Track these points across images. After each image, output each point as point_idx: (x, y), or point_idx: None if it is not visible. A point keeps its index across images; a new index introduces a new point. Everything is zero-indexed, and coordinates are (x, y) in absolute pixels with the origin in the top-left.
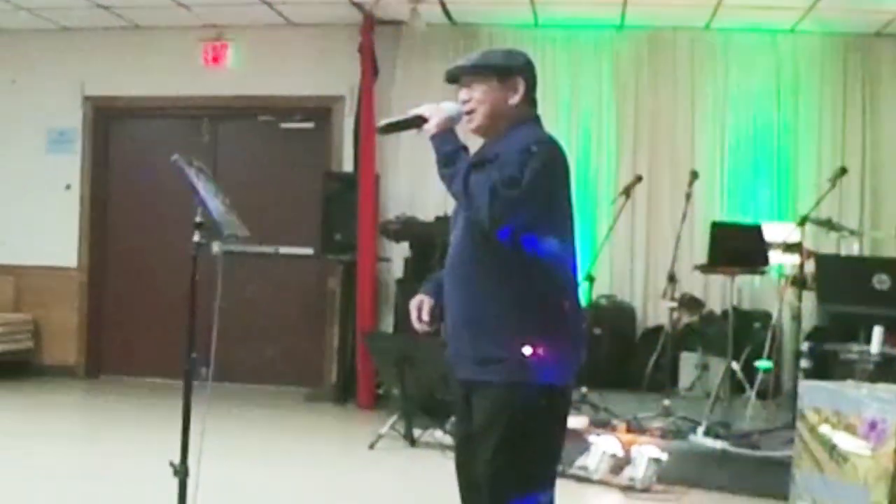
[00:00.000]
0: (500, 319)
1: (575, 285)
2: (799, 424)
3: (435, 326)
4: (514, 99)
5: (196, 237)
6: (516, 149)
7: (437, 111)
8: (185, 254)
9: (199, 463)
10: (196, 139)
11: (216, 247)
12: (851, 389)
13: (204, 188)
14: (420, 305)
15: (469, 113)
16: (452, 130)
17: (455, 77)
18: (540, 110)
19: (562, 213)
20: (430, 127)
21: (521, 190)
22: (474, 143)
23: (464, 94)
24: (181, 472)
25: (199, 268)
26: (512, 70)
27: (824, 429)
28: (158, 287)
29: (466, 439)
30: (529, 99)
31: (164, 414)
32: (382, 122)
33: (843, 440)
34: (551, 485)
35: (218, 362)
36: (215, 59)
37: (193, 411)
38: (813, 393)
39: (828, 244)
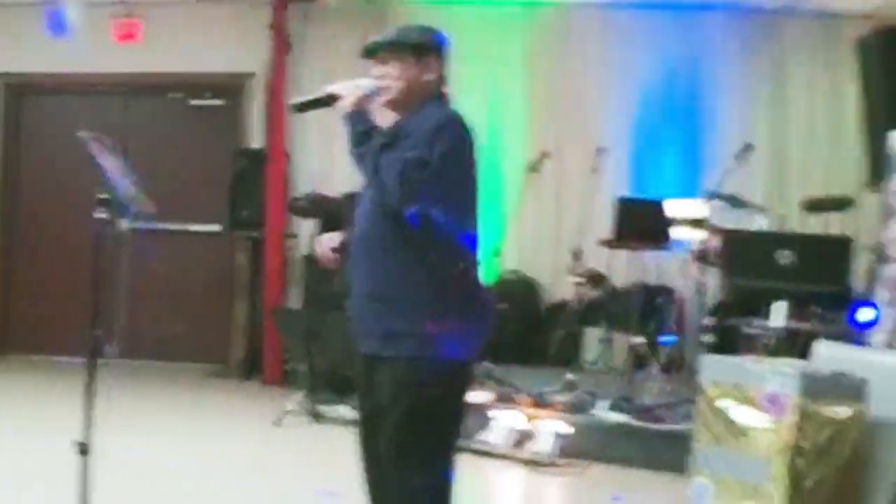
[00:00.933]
0: (406, 295)
1: (479, 261)
2: (699, 398)
3: (340, 261)
4: (429, 76)
5: (101, 214)
6: (427, 128)
7: (351, 89)
8: (92, 231)
9: (102, 440)
10: (107, 116)
11: (124, 224)
12: (752, 363)
13: (110, 164)
14: (332, 237)
15: (383, 88)
16: (366, 109)
17: (372, 52)
18: (450, 87)
19: (469, 191)
20: (345, 105)
21: (430, 171)
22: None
23: (379, 69)
24: (84, 449)
25: (107, 245)
26: (428, 47)
27: (724, 402)
28: (69, 265)
29: (369, 414)
30: (443, 76)
31: (69, 392)
32: (296, 100)
33: (742, 414)
34: (453, 460)
35: (125, 339)
36: (126, 37)
37: (98, 388)
38: (713, 367)
39: (733, 220)
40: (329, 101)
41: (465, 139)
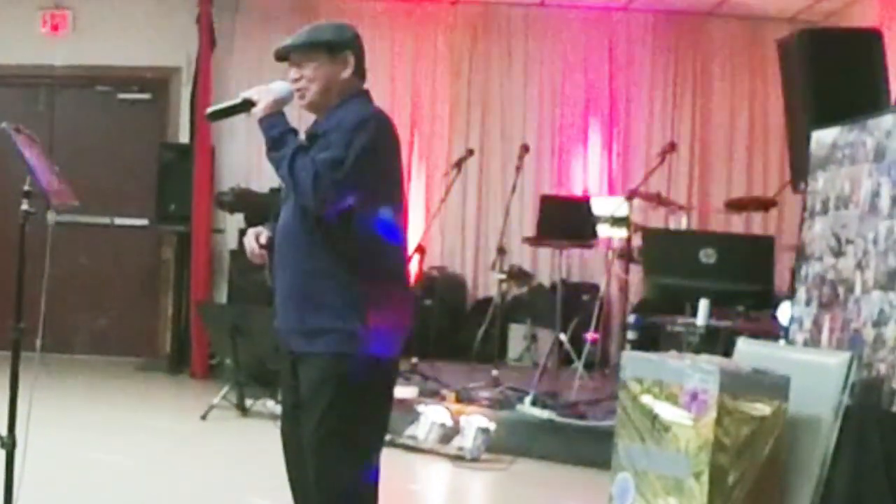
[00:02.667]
0: (328, 292)
1: (403, 257)
2: (621, 395)
3: (267, 258)
4: (345, 73)
5: (24, 206)
6: (344, 126)
7: (265, 93)
8: (17, 223)
9: (26, 434)
10: (33, 108)
11: (51, 216)
12: (674, 360)
13: (33, 156)
14: (258, 235)
15: (300, 90)
16: (281, 113)
17: (284, 56)
18: (373, 83)
19: (390, 187)
20: (258, 111)
21: (345, 171)
22: (308, 121)
23: (294, 72)
24: (8, 443)
25: (31, 237)
26: (341, 45)
27: (646, 399)
28: None
29: (293, 410)
30: (359, 73)
31: None
32: (210, 109)
33: (664, 410)
34: (377, 455)
35: (50, 333)
36: (54, 28)
37: (22, 382)
38: (635, 363)
39: (656, 218)
40: (243, 107)
41: (384, 136)
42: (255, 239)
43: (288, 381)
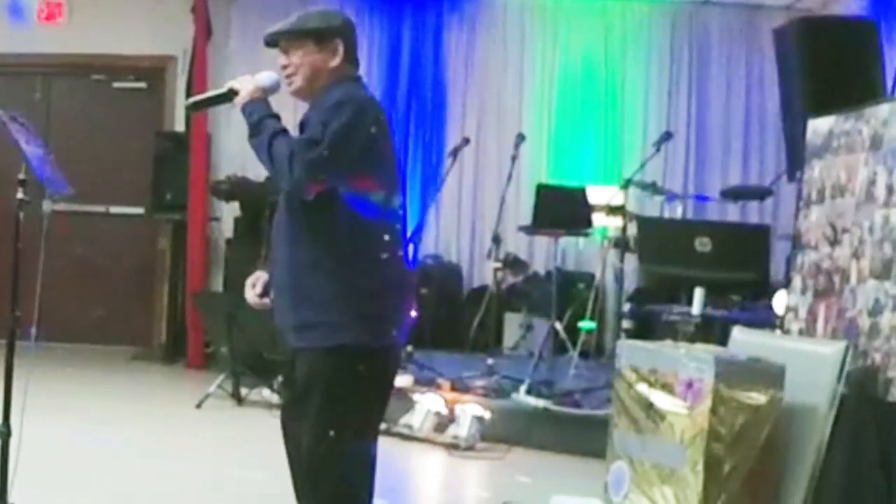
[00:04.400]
0: (315, 284)
1: (400, 244)
2: (616, 384)
3: (268, 300)
4: (334, 61)
5: (20, 194)
6: (323, 109)
7: (248, 82)
8: (12, 212)
9: (21, 423)
10: (29, 96)
11: (47, 205)
12: (669, 349)
13: (28, 145)
14: (255, 281)
15: (288, 77)
16: (263, 99)
17: (273, 42)
18: (367, 72)
19: (380, 170)
20: (240, 99)
21: (319, 151)
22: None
23: (283, 59)
24: (3, 432)
25: (27, 226)
26: (329, 32)
27: (641, 388)
28: None
29: (291, 403)
30: (350, 59)
31: None
32: (190, 100)
33: (659, 399)
34: (374, 444)
35: (46, 322)
36: (49, 17)
37: (17, 371)
38: (630, 352)
39: (652, 207)
40: (227, 97)
41: (366, 116)
42: (253, 286)
43: (288, 374)
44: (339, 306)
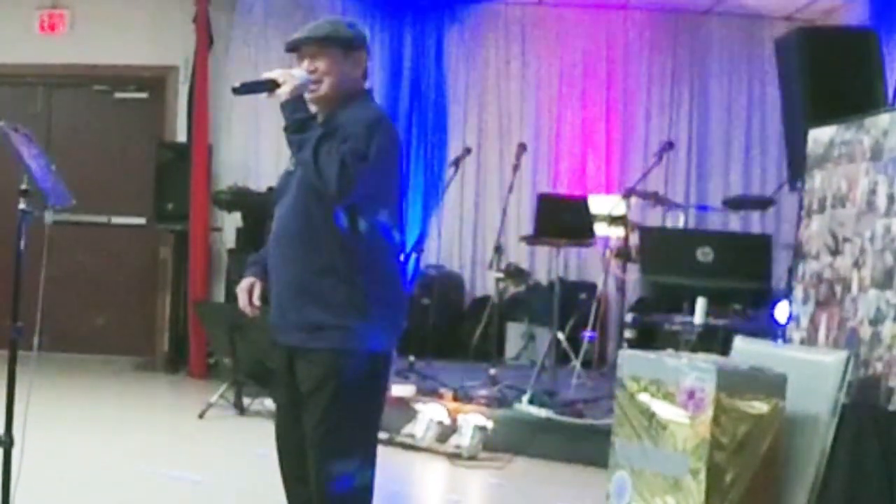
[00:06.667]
0: (330, 288)
1: (401, 255)
2: (618, 393)
3: (265, 309)
4: (357, 72)
5: (22, 205)
6: (362, 123)
7: (289, 77)
8: (15, 222)
9: (24, 433)
10: (30, 107)
11: (48, 215)
12: (671, 358)
13: (30, 155)
14: (250, 288)
15: (315, 83)
16: (302, 98)
17: (296, 47)
18: (372, 82)
19: (393, 188)
20: (283, 93)
21: (366, 165)
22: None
23: (307, 64)
24: (6, 441)
25: (28, 236)
26: (357, 42)
27: (643, 397)
28: None
29: (288, 406)
30: (364, 72)
31: None
32: (237, 83)
33: (661, 409)
34: (374, 449)
35: (48, 332)
36: (51, 28)
37: (19, 380)
38: (632, 362)
39: (654, 217)
40: (267, 86)
41: (394, 138)
42: (249, 296)
43: (284, 376)
44: (352, 311)
